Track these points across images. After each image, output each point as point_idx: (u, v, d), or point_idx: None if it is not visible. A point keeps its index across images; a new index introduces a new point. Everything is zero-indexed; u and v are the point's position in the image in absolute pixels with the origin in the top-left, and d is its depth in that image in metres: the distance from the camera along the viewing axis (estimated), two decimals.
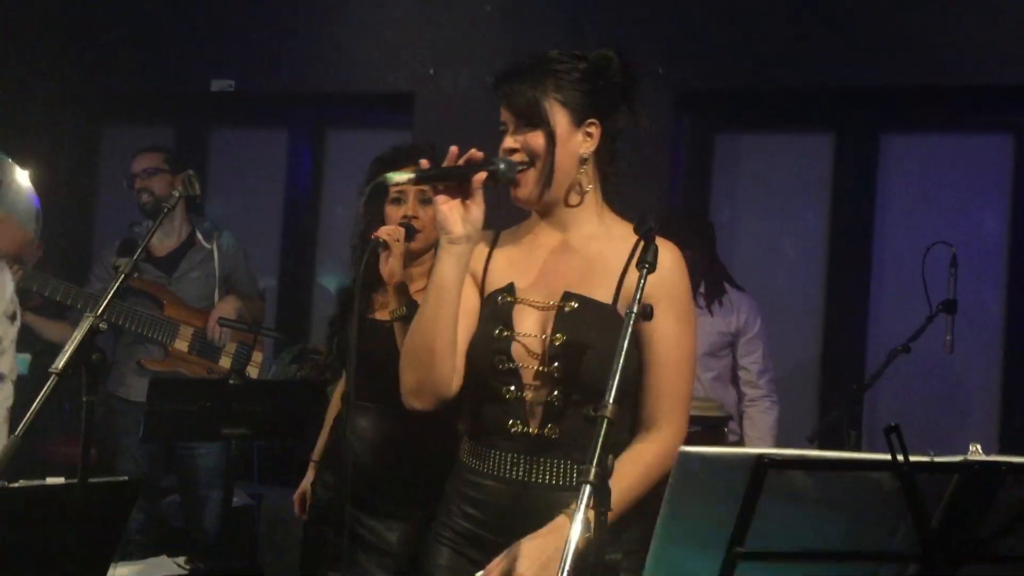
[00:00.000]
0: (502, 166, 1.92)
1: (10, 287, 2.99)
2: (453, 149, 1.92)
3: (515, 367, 1.93)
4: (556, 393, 1.90)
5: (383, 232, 2.49)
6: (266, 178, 4.43)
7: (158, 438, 3.72)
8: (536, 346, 1.93)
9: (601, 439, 1.51)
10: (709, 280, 3.93)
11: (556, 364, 1.90)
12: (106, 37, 5.22)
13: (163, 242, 4.22)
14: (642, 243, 1.73)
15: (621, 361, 1.60)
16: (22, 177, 4.89)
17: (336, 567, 2.71)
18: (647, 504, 1.93)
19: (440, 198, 1.91)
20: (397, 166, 2.32)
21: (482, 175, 1.88)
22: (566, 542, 1.46)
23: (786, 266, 4.53)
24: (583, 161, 1.96)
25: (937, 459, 1.34)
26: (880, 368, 3.47)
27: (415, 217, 2.67)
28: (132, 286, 4.07)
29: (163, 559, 2.99)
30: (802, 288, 4.49)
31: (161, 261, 4.20)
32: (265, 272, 4.99)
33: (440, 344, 1.93)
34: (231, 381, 3.13)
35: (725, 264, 4.08)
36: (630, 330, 1.63)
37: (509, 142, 1.96)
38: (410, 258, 2.67)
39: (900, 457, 1.31)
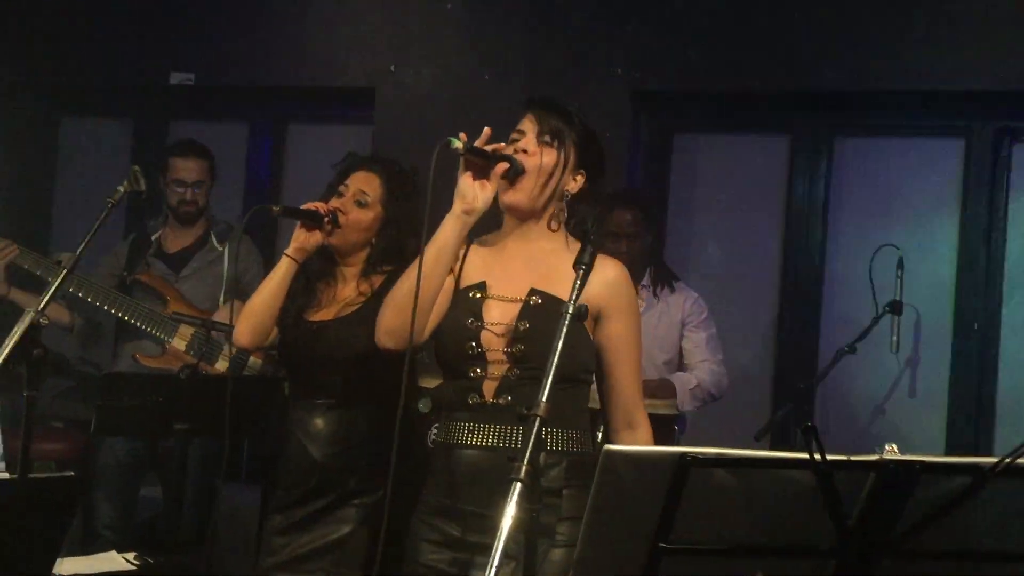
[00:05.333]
0: (516, 163, 2.22)
1: None
2: (487, 130, 2.20)
3: (482, 351, 2.20)
4: (515, 370, 2.17)
5: (321, 206, 2.83)
6: (226, 172, 4.42)
7: (109, 433, 3.70)
8: (503, 332, 2.20)
9: (533, 438, 1.54)
10: (655, 267, 3.94)
11: (519, 346, 2.17)
12: (64, 29, 5.17)
13: (176, 239, 4.16)
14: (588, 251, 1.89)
15: (556, 360, 1.63)
16: None
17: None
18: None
19: (466, 174, 2.20)
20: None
21: (504, 165, 2.19)
22: (497, 536, 1.49)
23: (740, 264, 4.57)
24: (564, 196, 2.27)
25: (853, 458, 1.38)
26: (826, 368, 3.54)
27: (343, 212, 2.83)
28: (140, 280, 4.02)
29: (112, 554, 2.97)
30: (756, 287, 4.53)
31: (171, 258, 4.13)
32: None
33: (425, 295, 2.18)
34: (181, 376, 3.12)
35: (681, 261, 4.10)
36: (566, 328, 1.68)
37: (529, 144, 2.24)
38: (322, 252, 2.86)
39: (817, 456, 1.35)
